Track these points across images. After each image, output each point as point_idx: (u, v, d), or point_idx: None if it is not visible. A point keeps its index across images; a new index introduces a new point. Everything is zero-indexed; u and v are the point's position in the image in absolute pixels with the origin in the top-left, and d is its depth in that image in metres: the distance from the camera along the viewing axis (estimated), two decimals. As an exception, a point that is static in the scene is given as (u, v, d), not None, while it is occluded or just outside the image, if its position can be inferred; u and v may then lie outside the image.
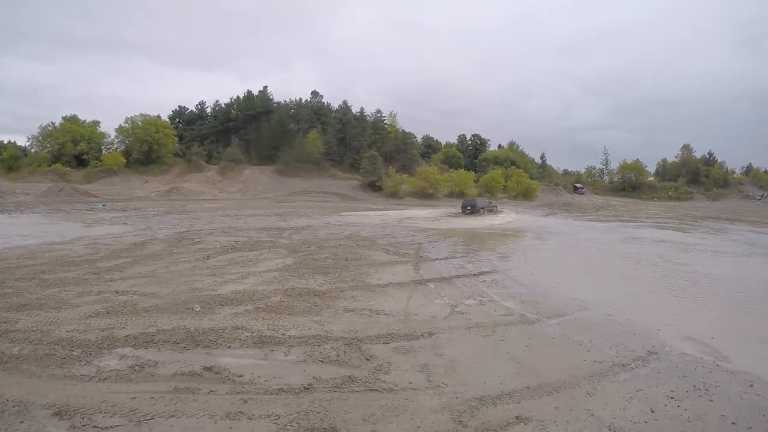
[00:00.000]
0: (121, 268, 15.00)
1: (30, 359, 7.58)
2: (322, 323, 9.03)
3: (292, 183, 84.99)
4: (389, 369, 6.93)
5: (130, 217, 36.72)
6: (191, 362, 7.21)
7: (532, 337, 8.66)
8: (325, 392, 6.18)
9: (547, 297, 11.80)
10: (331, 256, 16.46)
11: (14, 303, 10.99)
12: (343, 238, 22.17)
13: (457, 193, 78.30)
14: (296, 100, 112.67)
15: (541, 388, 6.50)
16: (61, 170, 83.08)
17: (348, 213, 42.25)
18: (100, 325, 9.22)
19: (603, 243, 23.80)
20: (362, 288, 12.00)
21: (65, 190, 67.55)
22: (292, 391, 6.20)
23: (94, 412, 5.78)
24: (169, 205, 52.54)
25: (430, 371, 6.89)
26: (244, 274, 13.71)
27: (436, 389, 6.33)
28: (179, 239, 22.11)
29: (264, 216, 37.23)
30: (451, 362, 7.26)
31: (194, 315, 9.69)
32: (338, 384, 6.41)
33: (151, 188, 79.57)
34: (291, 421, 5.51)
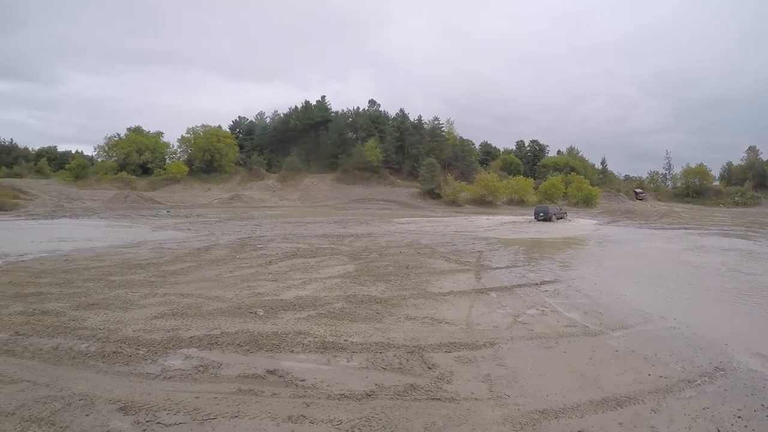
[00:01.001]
0: (185, 271, 15.51)
1: (97, 356, 7.95)
2: (384, 330, 9.10)
3: (351, 191, 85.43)
4: (451, 378, 6.93)
5: (193, 223, 37.65)
6: (254, 365, 7.39)
7: (595, 350, 8.48)
8: (387, 399, 6.23)
9: (611, 308, 11.52)
10: (392, 264, 16.52)
11: (83, 302, 11.56)
12: (403, 245, 22.23)
13: (516, 201, 77.53)
14: (354, 109, 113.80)
15: (604, 402, 6.37)
16: (126, 178, 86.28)
17: (407, 221, 42.28)
18: (166, 326, 9.57)
19: (667, 252, 23.08)
20: (424, 296, 12.01)
21: (131, 197, 69.67)
22: (354, 397, 6.28)
23: (159, 409, 6.00)
24: (231, 212, 53.52)
25: (492, 382, 6.84)
26: (306, 280, 13.93)
27: (498, 400, 6.30)
28: (242, 245, 22.62)
29: (324, 223, 37.66)
30: (513, 373, 7.19)
31: (257, 319, 9.93)
32: (400, 392, 6.45)
33: (214, 196, 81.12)
34: (353, 426, 5.58)
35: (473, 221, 42.27)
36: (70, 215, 47.26)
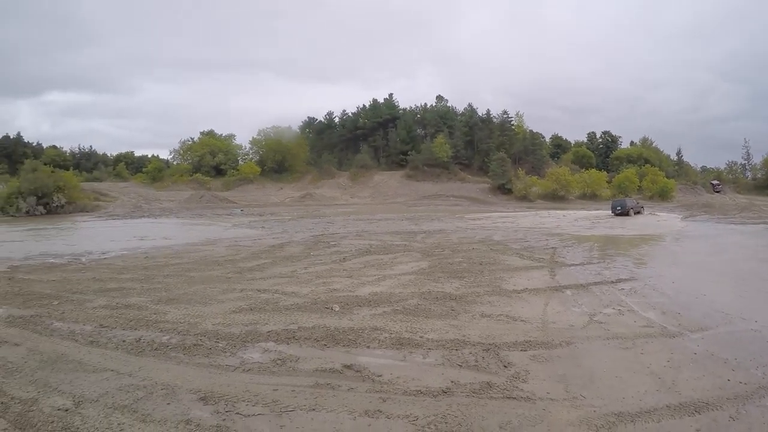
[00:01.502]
0: (261, 268, 15.90)
1: (178, 348, 8.26)
2: (459, 328, 9.10)
3: (421, 187, 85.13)
4: (527, 377, 6.87)
5: (267, 222, 38.36)
6: (331, 360, 7.53)
7: (673, 352, 8.16)
8: (463, 397, 6.23)
9: (689, 308, 11.04)
10: (465, 260, 16.45)
11: (163, 297, 12.03)
12: (476, 242, 22.10)
13: (589, 195, 75.71)
14: (421, 106, 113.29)
15: (682, 407, 6.16)
16: (201, 179, 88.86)
17: (479, 216, 41.95)
18: (244, 320, 9.85)
19: (749, 248, 22.11)
20: (498, 293, 11.94)
21: (206, 197, 71.50)
22: (430, 393, 6.31)
23: (238, 400, 6.19)
24: (303, 210, 54.18)
25: (568, 382, 6.75)
26: (380, 276, 14.06)
27: (574, 401, 6.21)
28: (315, 242, 22.99)
29: (395, 220, 37.79)
30: (589, 374, 7.06)
31: (334, 315, 10.09)
32: (476, 389, 6.44)
33: (286, 194, 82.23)
34: (429, 423, 5.61)
35: (545, 216, 41.56)
36: (148, 215, 48.92)
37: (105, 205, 60.51)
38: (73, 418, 5.83)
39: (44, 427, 5.65)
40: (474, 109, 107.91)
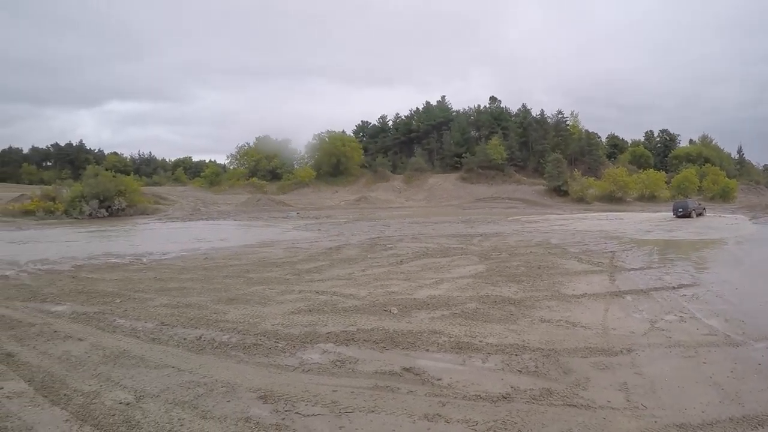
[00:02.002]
0: (319, 270, 16.00)
1: (238, 347, 8.36)
2: (518, 332, 8.94)
3: (476, 189, 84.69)
4: (587, 385, 6.68)
5: (322, 224, 38.68)
6: (391, 362, 7.48)
7: (737, 362, 7.73)
8: (523, 403, 6.10)
9: (755, 316, 10.46)
10: (523, 264, 16.21)
11: (223, 297, 12.21)
12: (533, 245, 21.80)
13: (647, 196, 73.97)
14: (475, 107, 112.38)
15: (745, 420, 5.84)
16: (257, 183, 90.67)
17: (535, 219, 41.41)
18: (303, 321, 9.90)
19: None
20: (557, 298, 11.70)
21: (262, 200, 72.78)
22: (489, 398, 6.20)
23: (297, 400, 6.19)
24: (359, 213, 54.46)
25: (628, 391, 6.51)
26: (438, 279, 13.94)
27: (635, 411, 5.98)
28: (371, 245, 23.05)
29: (451, 223, 37.60)
30: (650, 383, 6.80)
31: (392, 317, 10.05)
32: (536, 396, 6.30)
33: (341, 198, 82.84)
34: (488, 428, 5.51)
35: (603, 219, 40.71)
36: (206, 218, 49.95)
37: (164, 208, 62.12)
38: (134, 412, 5.96)
39: (105, 420, 5.77)
40: (528, 110, 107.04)
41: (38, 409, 6.16)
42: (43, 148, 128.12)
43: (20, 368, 7.67)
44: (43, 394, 6.60)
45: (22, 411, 6.11)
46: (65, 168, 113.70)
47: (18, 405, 6.29)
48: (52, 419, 5.88)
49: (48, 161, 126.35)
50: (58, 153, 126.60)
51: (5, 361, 8.03)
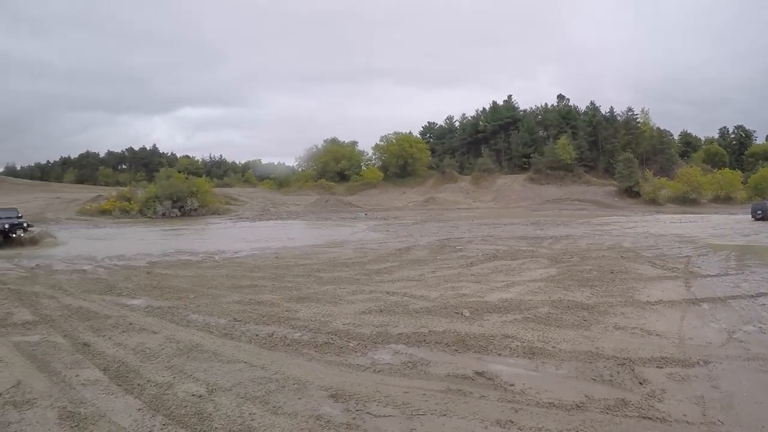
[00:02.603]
0: (389, 270, 15.99)
1: (310, 345, 8.37)
2: (592, 339, 8.65)
3: (545, 191, 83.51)
4: (663, 396, 6.35)
5: (391, 225, 38.85)
6: (463, 365, 7.33)
7: None
8: (597, 413, 5.85)
9: None
10: (595, 268, 15.75)
11: (294, 295, 12.32)
12: (605, 248, 21.22)
13: (722, 197, 71.19)
14: (542, 106, 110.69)
15: None
16: (325, 184, 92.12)
17: (606, 221, 40.39)
18: (374, 321, 9.86)
19: None
20: (631, 304, 11.25)
21: (330, 201, 73.83)
22: (563, 406, 5.99)
23: (368, 400, 6.12)
24: (427, 214, 54.49)
25: (705, 405, 6.12)
26: (509, 282, 13.68)
27: (712, 426, 5.61)
28: (441, 246, 22.93)
29: (520, 225, 37.15)
30: (728, 397, 6.37)
31: (464, 320, 9.87)
32: (610, 406, 6.04)
33: (408, 199, 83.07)
34: (561, 437, 5.34)
35: (676, 222, 39.37)
36: (275, 218, 50.99)
37: (235, 209, 63.78)
38: (206, 405, 6.03)
39: (177, 411, 5.86)
40: (596, 107, 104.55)
41: (112, 397, 6.32)
42: (119, 152, 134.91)
43: (96, 357, 7.92)
44: (117, 383, 6.77)
45: (96, 398, 6.29)
46: (140, 170, 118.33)
47: (92, 392, 6.48)
48: (125, 407, 6.01)
49: (123, 164, 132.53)
50: (132, 156, 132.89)
51: (82, 350, 8.31)
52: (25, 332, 9.57)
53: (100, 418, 5.71)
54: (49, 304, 11.98)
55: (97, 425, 5.55)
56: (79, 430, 5.46)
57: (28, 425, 5.61)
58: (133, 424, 5.58)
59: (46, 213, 53.74)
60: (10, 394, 6.48)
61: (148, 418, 5.70)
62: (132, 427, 5.49)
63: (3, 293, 13.39)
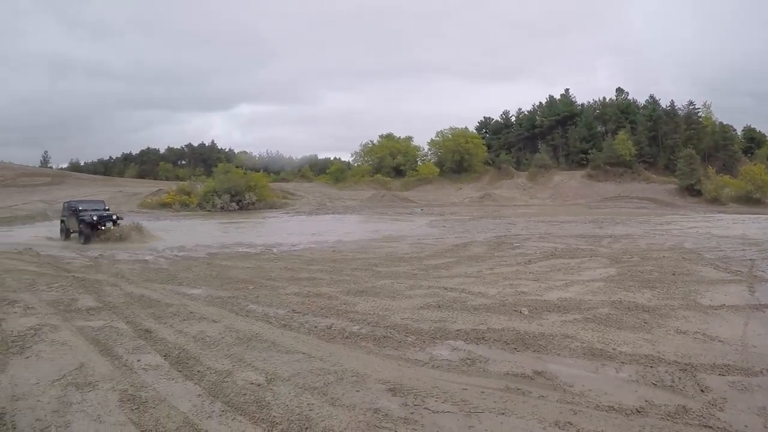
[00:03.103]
0: (446, 266, 15.94)
1: (368, 338, 8.43)
2: (653, 342, 8.43)
3: (603, 188, 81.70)
4: (724, 405, 6.11)
5: (447, 221, 38.76)
6: (521, 364, 7.26)
7: None
8: (658, 419, 5.69)
9: None
10: (656, 269, 15.31)
11: (352, 289, 12.41)
12: (665, 249, 20.66)
13: (790, 197, 68.31)
14: (600, 100, 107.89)
15: None
16: (381, 180, 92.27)
17: (666, 221, 39.18)
18: (432, 317, 9.83)
19: None
20: (693, 308, 10.89)
21: (386, 196, 74.05)
22: (623, 411, 5.85)
23: (427, 395, 6.11)
24: (483, 211, 54.12)
25: (767, 417, 6.00)
26: (568, 281, 13.47)
27: None
28: (498, 243, 22.76)
29: (578, 222, 36.48)
30: None
31: (522, 318, 9.78)
32: (671, 413, 5.85)
33: (464, 194, 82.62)
34: (620, 444, 5.21)
35: (740, 222, 37.94)
36: (332, 212, 51.42)
37: (292, 203, 64.71)
38: (265, 393, 6.13)
39: (236, 398, 5.99)
40: (656, 101, 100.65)
41: (172, 382, 6.51)
42: (178, 148, 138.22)
43: (157, 344, 8.18)
44: (177, 369, 6.98)
45: (157, 383, 6.49)
46: (198, 166, 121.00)
47: (153, 377, 6.70)
48: (185, 393, 6.18)
49: (182, 160, 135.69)
50: (191, 152, 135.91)
51: (143, 336, 8.60)
52: (88, 318, 9.95)
53: (160, 402, 5.88)
54: (112, 292, 12.40)
55: (157, 408, 5.71)
56: (139, 412, 5.63)
57: (90, 406, 5.81)
58: (192, 408, 5.73)
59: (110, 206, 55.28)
60: (72, 376, 6.75)
61: (207, 404, 5.84)
62: (191, 412, 5.63)
63: (68, 281, 13.89)
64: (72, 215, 27.20)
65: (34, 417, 5.55)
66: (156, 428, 5.28)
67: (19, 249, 21.40)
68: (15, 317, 9.95)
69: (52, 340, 8.37)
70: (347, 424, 5.35)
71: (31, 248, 21.58)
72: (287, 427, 5.30)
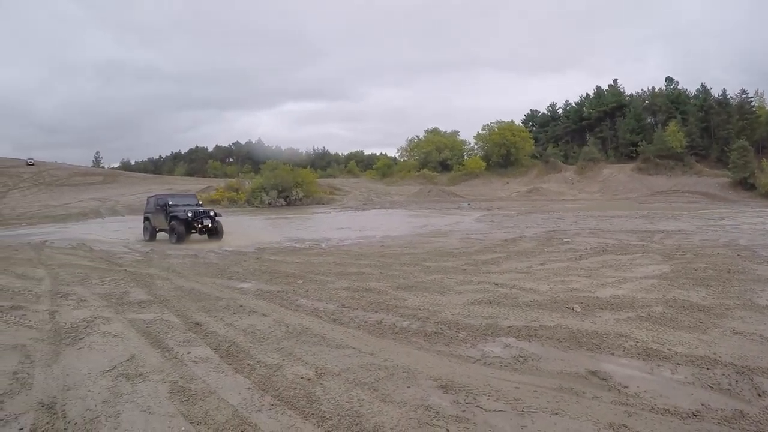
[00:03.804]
0: (496, 261, 15.80)
1: (419, 334, 8.33)
2: (709, 343, 8.10)
3: (653, 181, 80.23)
4: None
5: (495, 216, 38.63)
6: (575, 363, 7.09)
7: None
8: (714, 424, 5.43)
9: None
10: (710, 266, 14.80)
11: (402, 284, 12.33)
12: (719, 245, 20.02)
13: None
14: (649, 90, 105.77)
15: None
16: (428, 174, 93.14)
17: (717, 216, 38.16)
18: (483, 312, 9.70)
19: None
20: (750, 308, 10.36)
21: (433, 191, 74.45)
22: (678, 414, 5.63)
23: (479, 393, 6.00)
24: (531, 205, 53.78)
25: None
26: (620, 278, 13.14)
27: None
28: (547, 238, 22.52)
29: (628, 217, 35.85)
30: None
31: (575, 315, 9.57)
32: (727, 417, 5.59)
33: (512, 189, 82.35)
34: (676, 448, 5.05)
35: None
36: (379, 207, 51.55)
37: (339, 198, 65.28)
38: (315, 388, 6.11)
39: (286, 392, 5.97)
40: (708, 90, 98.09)
41: (222, 375, 6.54)
42: (226, 146, 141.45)
43: (207, 337, 8.23)
44: (227, 362, 7.00)
45: (207, 375, 6.52)
46: (246, 163, 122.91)
47: (203, 369, 6.73)
48: (235, 386, 6.19)
49: (230, 158, 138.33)
50: (239, 150, 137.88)
51: (194, 329, 8.67)
52: (140, 310, 10.10)
53: (209, 395, 5.91)
54: (163, 285, 12.62)
55: (207, 401, 5.74)
56: (189, 404, 5.66)
57: (140, 397, 5.87)
58: (242, 402, 5.73)
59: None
60: (123, 367, 6.83)
61: (257, 398, 5.84)
62: (241, 405, 5.63)
63: (120, 274, 14.18)
64: (160, 212, 25.01)
65: (85, 407, 5.62)
66: (205, 420, 5.30)
67: (72, 244, 21.91)
68: (68, 309, 10.16)
69: (104, 332, 8.51)
70: (398, 421, 5.29)
71: (84, 243, 22.08)
72: (337, 423, 5.26)
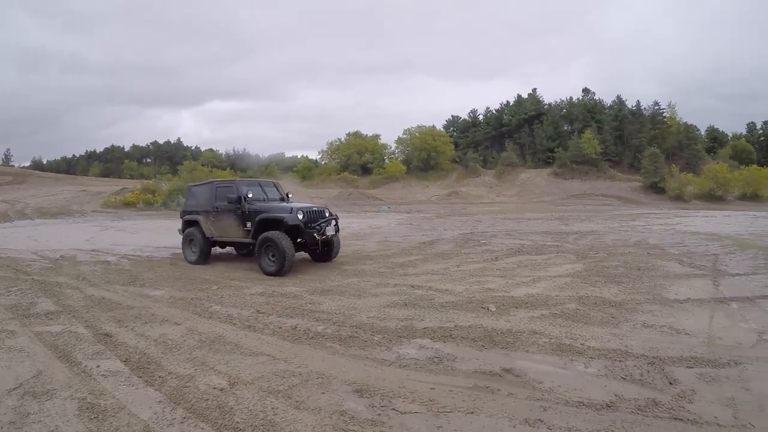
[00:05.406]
0: (413, 264, 15.89)
1: (334, 338, 8.30)
2: (620, 337, 8.45)
3: (569, 185, 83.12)
4: (693, 397, 6.14)
5: (414, 219, 38.84)
6: (490, 361, 7.20)
7: None
8: (628, 413, 5.68)
9: None
10: (621, 264, 15.48)
11: (318, 288, 12.28)
12: (630, 244, 20.87)
13: (749, 195, 69.68)
14: (567, 100, 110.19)
15: None
16: (348, 178, 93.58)
17: (630, 217, 39.81)
18: (399, 315, 9.73)
19: None
20: (659, 302, 10.97)
21: (353, 194, 74.68)
22: (593, 406, 5.83)
23: (394, 395, 6.02)
24: (450, 208, 54.52)
25: (736, 407, 5.90)
26: (535, 278, 13.47)
27: (742, 429, 5.40)
28: (465, 240, 22.77)
29: (544, 219, 36.85)
30: (759, 399, 6.13)
31: (490, 315, 9.71)
32: (641, 406, 5.85)
33: (431, 192, 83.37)
34: (592, 438, 5.19)
35: (703, 219, 38.59)
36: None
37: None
38: (228, 398, 5.98)
39: (198, 404, 5.83)
40: (623, 102, 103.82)
41: (132, 389, 6.31)
42: (143, 146, 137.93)
43: (117, 348, 7.93)
44: (138, 375, 6.77)
45: (117, 389, 6.28)
46: (164, 164, 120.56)
47: (113, 383, 6.48)
48: (146, 399, 6.00)
49: (148, 158, 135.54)
50: (157, 150, 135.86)
51: (103, 341, 8.34)
52: (47, 322, 9.64)
53: (120, 410, 5.69)
54: (73, 295, 12.07)
55: (117, 417, 5.53)
56: (98, 421, 5.44)
57: (47, 416, 5.60)
58: (153, 416, 5.55)
59: (72, 205, 54.69)
60: (30, 384, 6.50)
61: (168, 411, 5.67)
62: (152, 420, 5.46)
63: (27, 284, 13.51)
64: (227, 211, 15.80)
65: (-11, 431, 5.32)
66: (116, 438, 5.11)
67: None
68: (-31, 324, 9.60)
69: (9, 347, 8.08)
70: (312, 428, 5.24)
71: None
72: (251, 433, 5.17)
